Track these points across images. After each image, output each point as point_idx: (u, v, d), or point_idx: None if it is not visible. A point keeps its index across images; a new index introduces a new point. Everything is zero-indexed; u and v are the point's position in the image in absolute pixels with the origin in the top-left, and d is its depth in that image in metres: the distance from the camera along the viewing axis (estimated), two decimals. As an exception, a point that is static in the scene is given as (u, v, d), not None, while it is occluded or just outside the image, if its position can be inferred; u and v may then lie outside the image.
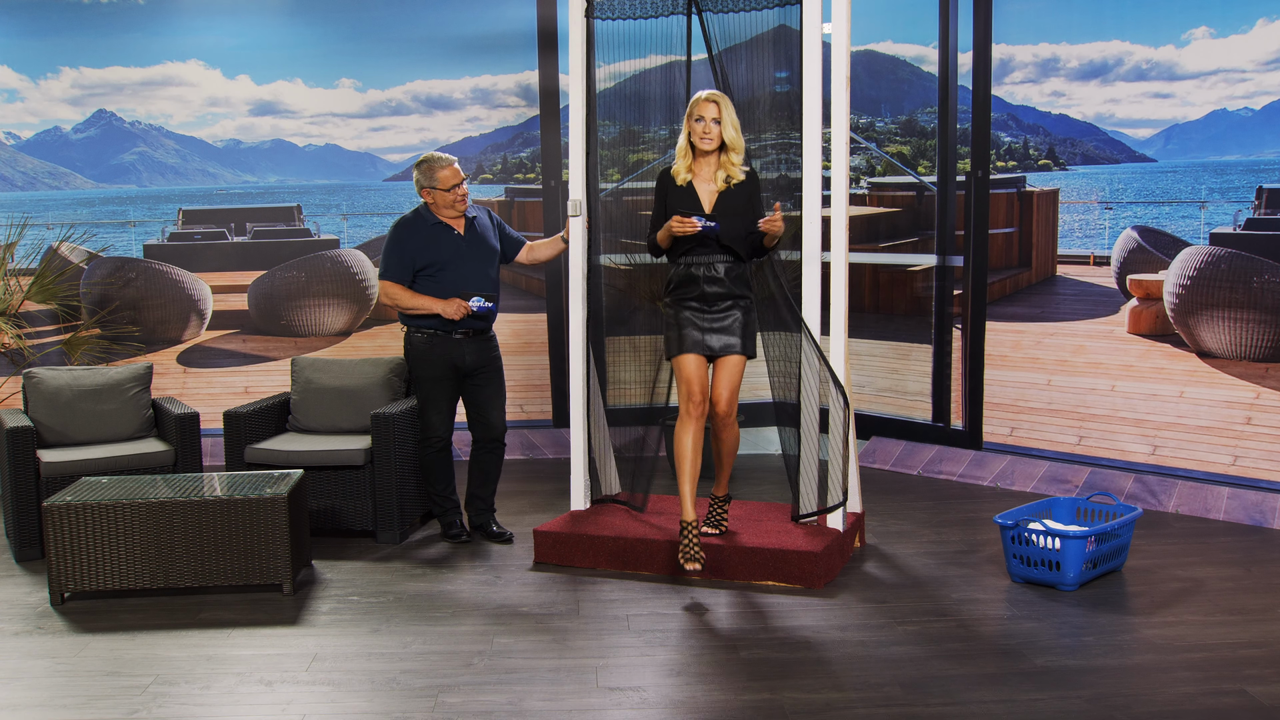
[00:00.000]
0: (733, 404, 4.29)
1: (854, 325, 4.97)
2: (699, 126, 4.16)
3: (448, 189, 4.69)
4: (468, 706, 3.26)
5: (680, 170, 4.25)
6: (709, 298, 4.23)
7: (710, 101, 4.15)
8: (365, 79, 6.74)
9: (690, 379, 4.25)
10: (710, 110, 4.14)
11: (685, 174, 4.25)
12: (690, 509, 4.23)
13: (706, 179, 4.24)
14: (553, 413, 6.75)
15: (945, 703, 3.23)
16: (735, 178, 4.21)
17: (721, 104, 4.16)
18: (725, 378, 4.26)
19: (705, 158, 4.23)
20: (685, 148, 4.24)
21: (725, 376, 4.26)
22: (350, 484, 4.90)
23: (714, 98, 4.16)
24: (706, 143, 4.17)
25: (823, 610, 3.98)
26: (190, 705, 3.31)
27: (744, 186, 4.22)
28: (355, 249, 6.79)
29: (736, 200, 4.21)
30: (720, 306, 4.23)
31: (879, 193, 6.50)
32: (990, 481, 5.75)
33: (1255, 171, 5.14)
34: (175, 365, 6.71)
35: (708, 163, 4.24)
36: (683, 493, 4.24)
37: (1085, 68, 5.60)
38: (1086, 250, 5.67)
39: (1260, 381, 5.07)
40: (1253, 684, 3.31)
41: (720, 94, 4.21)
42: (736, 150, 4.19)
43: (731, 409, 4.29)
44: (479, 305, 4.68)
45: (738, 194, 4.21)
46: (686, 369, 4.25)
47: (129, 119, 6.80)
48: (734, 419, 4.34)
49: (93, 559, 4.14)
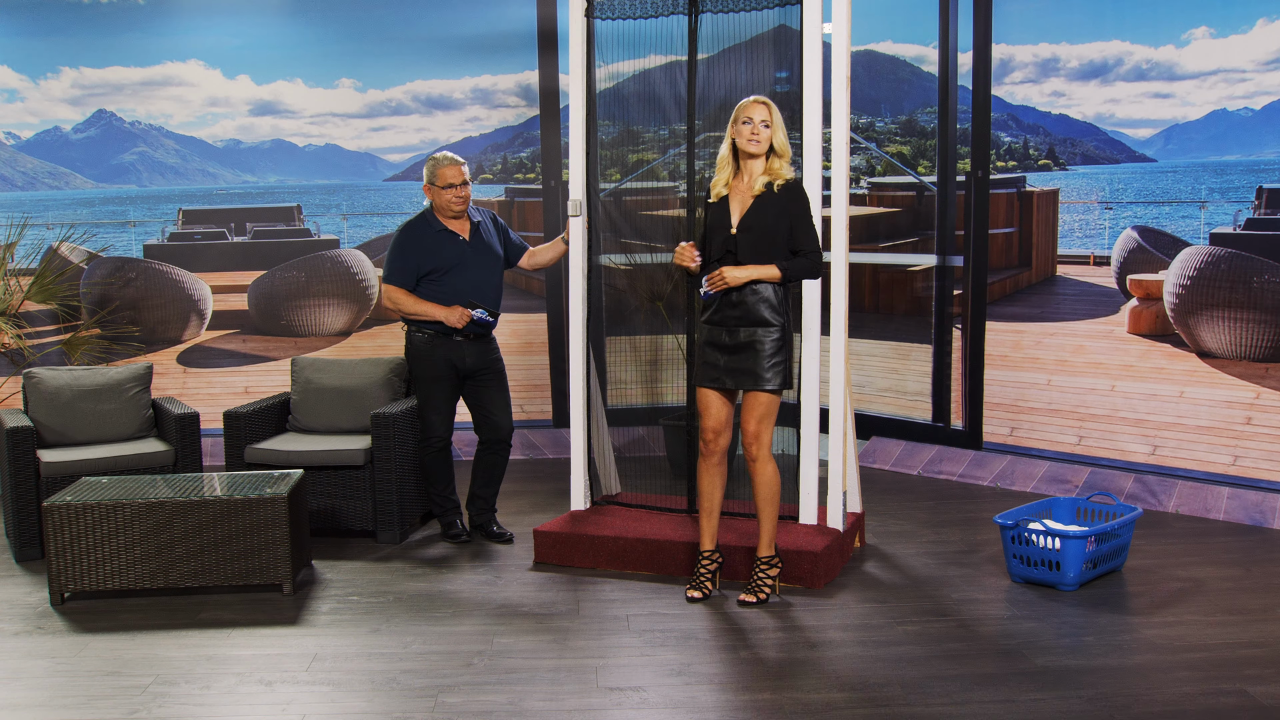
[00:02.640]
0: (759, 441, 3.94)
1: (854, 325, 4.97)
2: (747, 129, 3.90)
3: (443, 187, 4.70)
4: (468, 706, 3.26)
5: (718, 184, 4.00)
6: (729, 321, 3.94)
7: (759, 104, 3.91)
8: (365, 79, 6.74)
9: (704, 413, 4.01)
10: (760, 112, 3.90)
11: (721, 188, 3.99)
12: (707, 539, 4.11)
13: (742, 190, 3.97)
14: (553, 413, 6.75)
15: (945, 703, 3.23)
16: (779, 179, 3.94)
17: (770, 107, 3.92)
18: (749, 414, 3.95)
19: (746, 166, 3.97)
20: (726, 158, 3.99)
21: (749, 412, 3.95)
22: (350, 484, 4.90)
23: (763, 101, 3.93)
24: (755, 145, 3.89)
25: (823, 610, 3.98)
26: (190, 705, 3.31)
27: (783, 197, 3.93)
28: (355, 249, 6.79)
29: (769, 211, 3.91)
30: (740, 333, 3.92)
31: (879, 193, 6.50)
32: (990, 481, 5.75)
33: (1255, 171, 5.14)
34: (175, 365, 6.71)
35: (748, 171, 3.97)
36: (700, 525, 4.12)
37: (1085, 68, 5.60)
38: (1086, 250, 5.67)
39: (1260, 381, 5.07)
40: (1253, 684, 3.31)
41: (767, 98, 3.98)
42: (784, 156, 3.94)
43: (757, 447, 3.94)
44: (480, 315, 4.69)
45: (773, 204, 3.92)
46: (701, 403, 4.03)
47: (129, 119, 6.80)
48: (765, 458, 3.96)
49: (93, 559, 4.14)
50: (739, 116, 3.93)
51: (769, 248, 3.91)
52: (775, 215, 3.92)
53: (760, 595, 4.02)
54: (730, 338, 3.94)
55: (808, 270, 3.96)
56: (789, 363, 3.96)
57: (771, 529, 4.05)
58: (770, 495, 4.00)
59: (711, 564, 4.13)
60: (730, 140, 3.97)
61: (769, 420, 3.96)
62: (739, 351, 3.93)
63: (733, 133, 3.95)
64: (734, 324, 3.93)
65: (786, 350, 3.95)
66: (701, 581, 4.10)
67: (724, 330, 3.94)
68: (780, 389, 3.94)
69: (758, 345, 3.90)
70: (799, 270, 3.94)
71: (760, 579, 4.05)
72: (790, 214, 3.93)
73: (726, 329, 3.94)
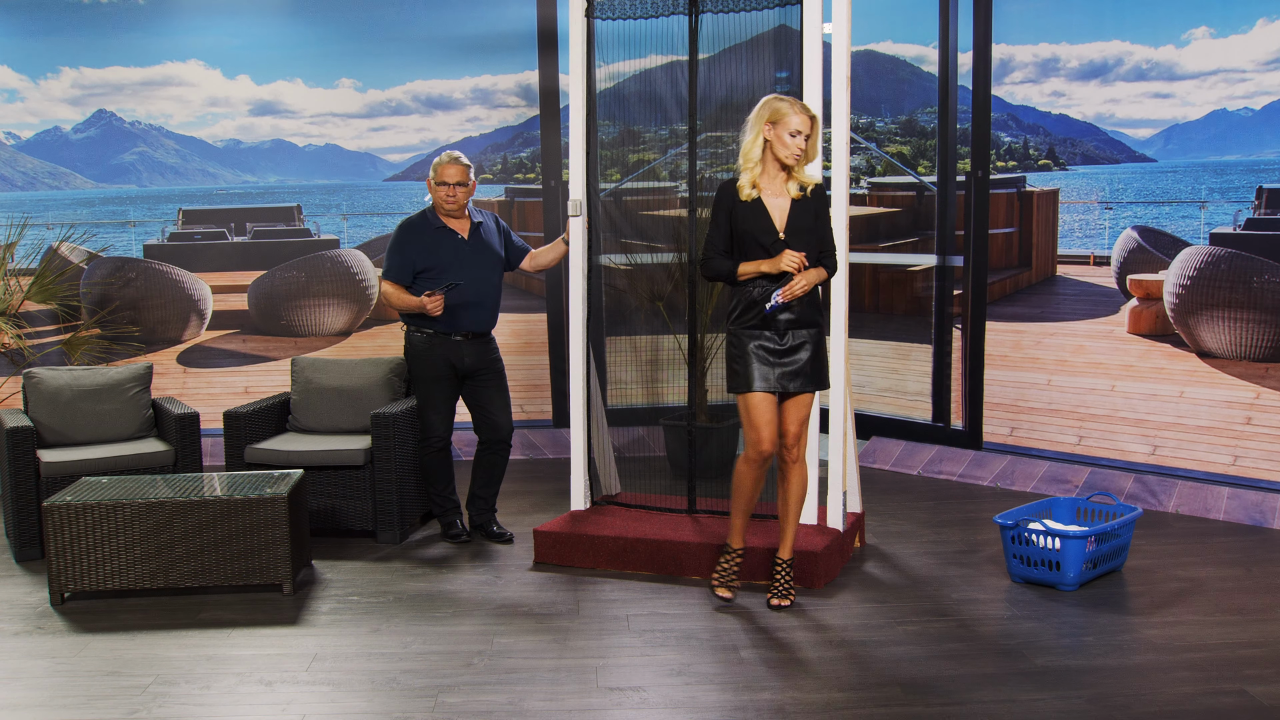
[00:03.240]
0: (802, 438, 3.99)
1: (854, 325, 4.97)
2: (792, 142, 3.80)
3: (439, 183, 4.72)
4: (468, 706, 3.26)
5: (745, 185, 3.89)
6: (779, 326, 3.89)
7: (808, 116, 3.82)
8: (365, 79, 6.74)
9: (759, 422, 3.92)
10: (808, 127, 3.81)
11: (750, 189, 3.89)
12: (738, 538, 4.09)
13: (775, 192, 3.90)
14: (553, 413, 6.75)
15: (945, 703, 3.23)
16: (810, 183, 3.91)
17: (816, 121, 3.86)
18: (795, 412, 3.97)
19: (776, 170, 3.91)
20: (757, 158, 3.88)
21: (795, 411, 3.97)
22: (350, 484, 4.90)
23: (810, 112, 3.84)
24: (795, 160, 3.83)
25: (823, 610, 3.98)
26: (190, 705, 3.31)
27: (812, 199, 3.92)
28: (355, 249, 6.79)
29: (806, 215, 3.90)
30: (792, 337, 3.90)
31: (879, 193, 6.50)
32: (990, 481, 5.75)
33: (1255, 171, 5.14)
34: (175, 365, 6.72)
35: (777, 174, 3.90)
36: (734, 523, 4.08)
37: (1085, 68, 5.60)
38: (1086, 250, 5.67)
39: (1260, 381, 5.07)
40: (1253, 684, 3.31)
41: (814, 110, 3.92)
42: (813, 159, 3.93)
43: (800, 444, 3.99)
44: (446, 288, 4.64)
45: (807, 207, 3.90)
46: (754, 410, 3.92)
47: (129, 119, 6.80)
48: (803, 456, 4.02)
49: (93, 559, 4.14)
50: (782, 122, 3.81)
51: (811, 251, 3.92)
52: (812, 218, 3.93)
53: (791, 598, 4.04)
54: (784, 341, 3.92)
55: (834, 270, 4.04)
56: (827, 359, 4.05)
57: (794, 529, 4.10)
58: (802, 497, 4.07)
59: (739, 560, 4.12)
60: (762, 139, 3.86)
61: (808, 422, 4.03)
62: (791, 354, 3.92)
63: (769, 135, 3.84)
64: (786, 327, 3.91)
65: (826, 347, 4.04)
66: (730, 580, 4.09)
67: (776, 334, 3.91)
68: (825, 386, 4.03)
69: (810, 347, 3.94)
70: (832, 270, 4.01)
71: (785, 582, 4.07)
72: (819, 216, 3.96)
73: (779, 333, 3.91)
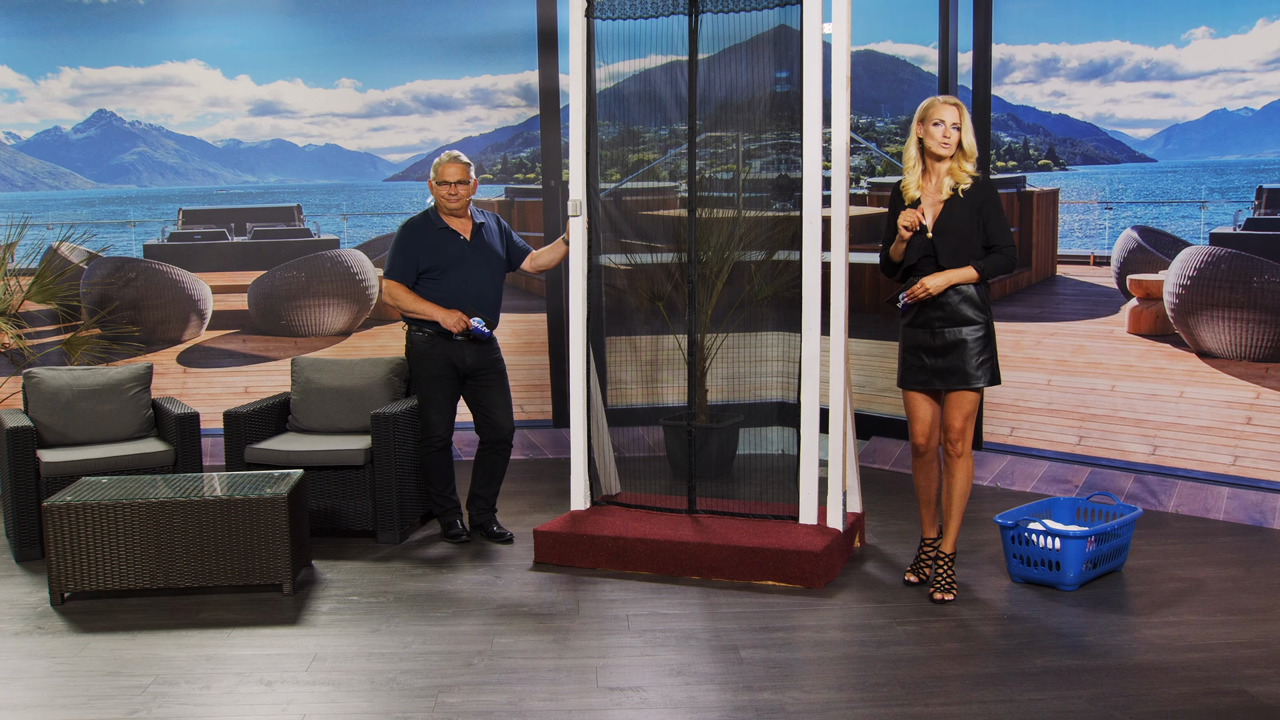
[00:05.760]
0: (964, 436, 4.00)
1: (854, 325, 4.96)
2: (938, 130, 3.89)
3: (439, 182, 4.73)
4: (468, 706, 3.26)
5: (910, 186, 3.99)
6: (933, 323, 3.96)
7: (951, 105, 3.90)
8: (365, 79, 6.74)
9: (910, 417, 4.08)
10: (951, 114, 3.88)
11: (915, 190, 3.98)
12: (925, 528, 4.24)
13: (931, 191, 3.98)
14: (553, 413, 6.75)
15: (945, 703, 3.23)
16: (963, 184, 3.94)
17: (961, 108, 3.92)
18: (955, 410, 4.02)
19: (933, 167, 3.98)
20: (915, 158, 3.99)
21: (955, 408, 4.02)
22: (350, 484, 4.90)
23: (954, 101, 3.92)
24: (946, 148, 3.90)
25: (823, 610, 3.98)
26: (190, 705, 3.31)
27: (971, 197, 3.95)
28: (355, 249, 6.79)
29: (961, 212, 3.94)
30: (946, 334, 3.95)
31: (879, 193, 6.49)
32: (990, 481, 5.75)
33: (1255, 171, 5.14)
34: (175, 365, 6.72)
35: (934, 172, 3.98)
36: (921, 516, 4.24)
37: (1085, 68, 5.60)
38: (1086, 250, 5.67)
39: (1260, 381, 5.07)
40: (1253, 684, 3.31)
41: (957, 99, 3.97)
42: (970, 158, 3.95)
43: (961, 442, 4.01)
44: (477, 326, 4.68)
45: (962, 205, 3.94)
46: (908, 405, 4.09)
47: (129, 119, 6.80)
48: (967, 452, 4.02)
49: (93, 559, 4.14)
50: (929, 117, 3.91)
51: (966, 248, 3.94)
52: (967, 215, 3.94)
53: (955, 591, 4.08)
54: (936, 339, 3.97)
55: (1004, 265, 3.99)
56: (995, 359, 4.01)
57: (957, 525, 4.11)
58: (965, 492, 4.07)
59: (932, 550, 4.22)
60: (916, 140, 3.96)
61: (973, 417, 4.03)
62: (946, 352, 3.96)
63: (920, 132, 3.94)
64: (938, 325, 3.96)
65: (992, 346, 4.00)
66: (921, 566, 4.23)
67: (928, 332, 3.98)
68: (987, 385, 4.00)
69: (965, 344, 3.94)
70: (995, 266, 3.97)
71: (946, 576, 4.11)
72: (982, 212, 3.95)
73: (930, 330, 3.97)
